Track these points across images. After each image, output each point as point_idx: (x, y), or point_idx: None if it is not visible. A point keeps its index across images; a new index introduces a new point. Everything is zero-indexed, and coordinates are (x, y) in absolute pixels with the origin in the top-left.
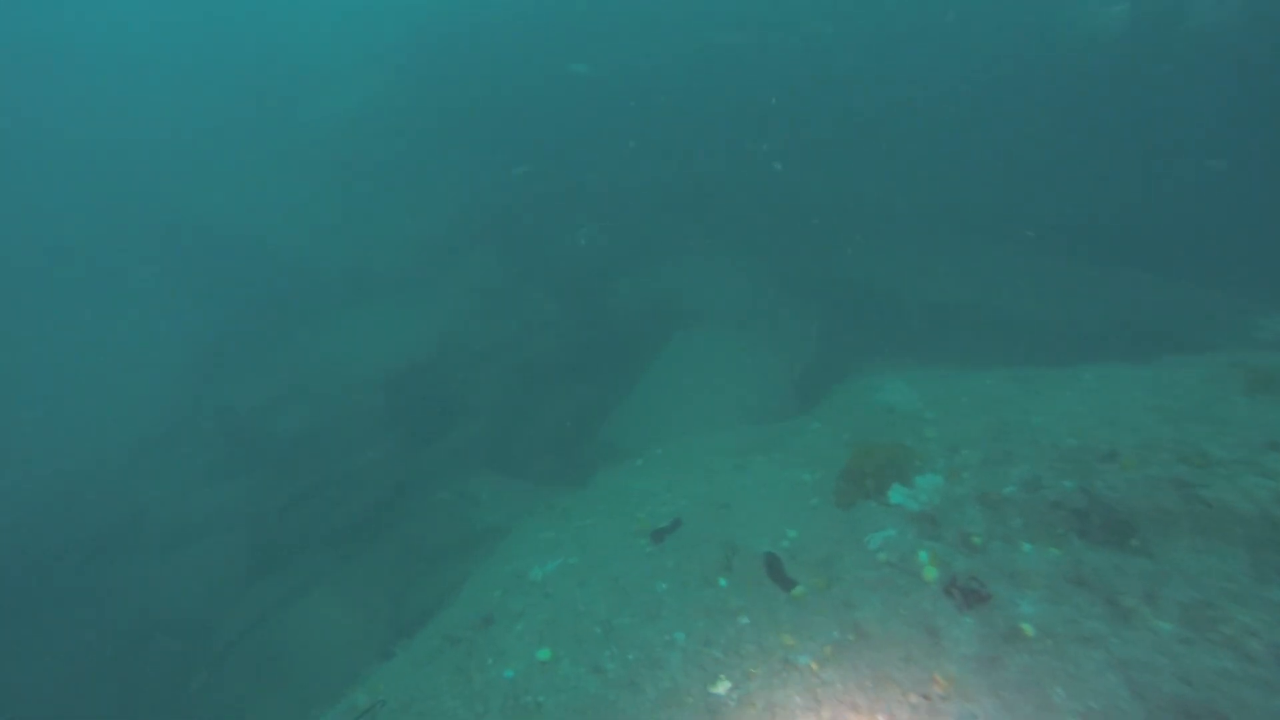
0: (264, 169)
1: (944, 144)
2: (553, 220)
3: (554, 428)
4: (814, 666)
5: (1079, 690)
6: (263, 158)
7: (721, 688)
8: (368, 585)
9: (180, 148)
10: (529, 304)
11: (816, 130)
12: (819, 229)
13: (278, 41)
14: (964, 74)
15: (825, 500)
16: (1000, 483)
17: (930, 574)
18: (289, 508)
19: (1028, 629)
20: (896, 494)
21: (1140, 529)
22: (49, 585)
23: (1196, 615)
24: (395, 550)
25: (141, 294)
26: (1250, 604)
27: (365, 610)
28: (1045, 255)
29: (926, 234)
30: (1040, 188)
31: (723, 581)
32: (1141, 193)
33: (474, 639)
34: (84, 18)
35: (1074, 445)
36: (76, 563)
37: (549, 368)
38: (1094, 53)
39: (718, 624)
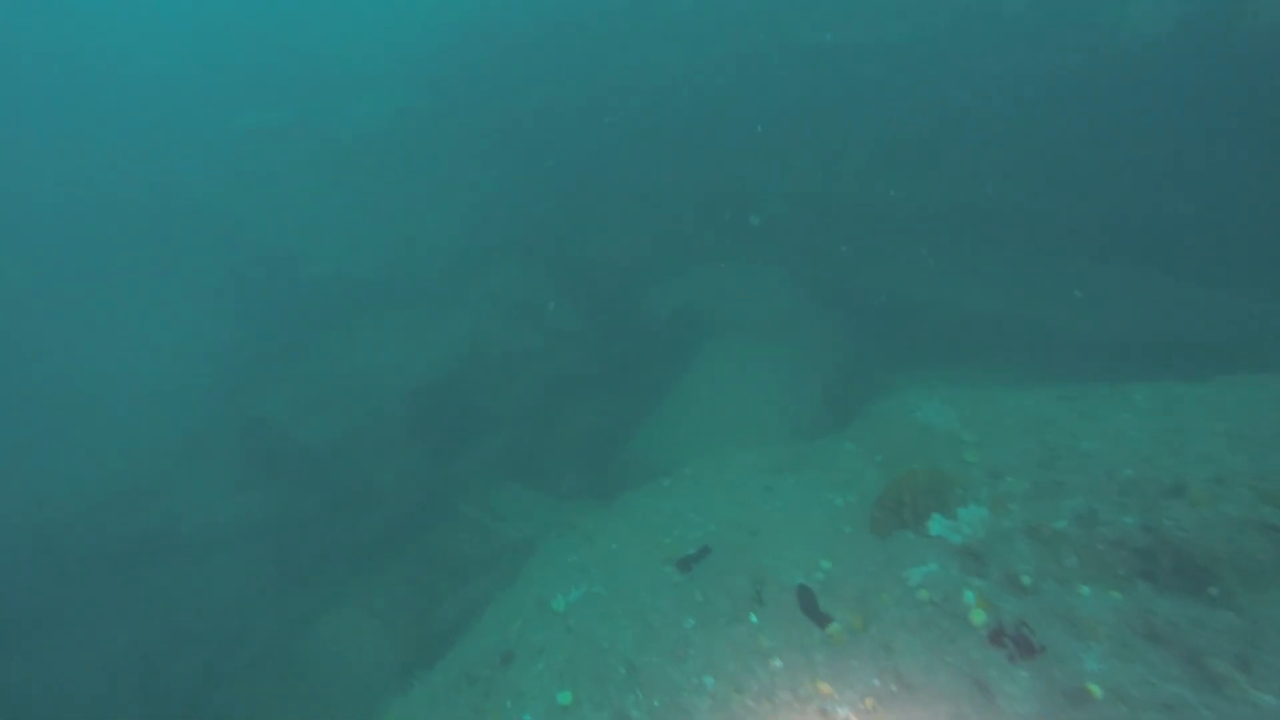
0: (297, 177)
1: (979, 147)
2: (580, 227)
3: (580, 441)
4: None
5: None
6: (296, 166)
7: None
8: (391, 601)
9: (214, 156)
10: (555, 314)
11: (845, 135)
12: (850, 236)
13: (315, 51)
14: (998, 75)
15: (860, 528)
16: (1051, 515)
17: (978, 617)
18: (315, 519)
19: (1095, 690)
20: (937, 524)
21: (1220, 577)
22: (80, 594)
23: None
24: (419, 565)
25: (171, 300)
26: None
27: (388, 627)
28: (1086, 262)
29: (961, 240)
30: (1082, 192)
31: (753, 618)
32: (1189, 197)
33: (492, 677)
34: (115, 20)
35: (1132, 476)
36: (107, 571)
37: (575, 379)
38: (1140, 51)
39: (749, 667)
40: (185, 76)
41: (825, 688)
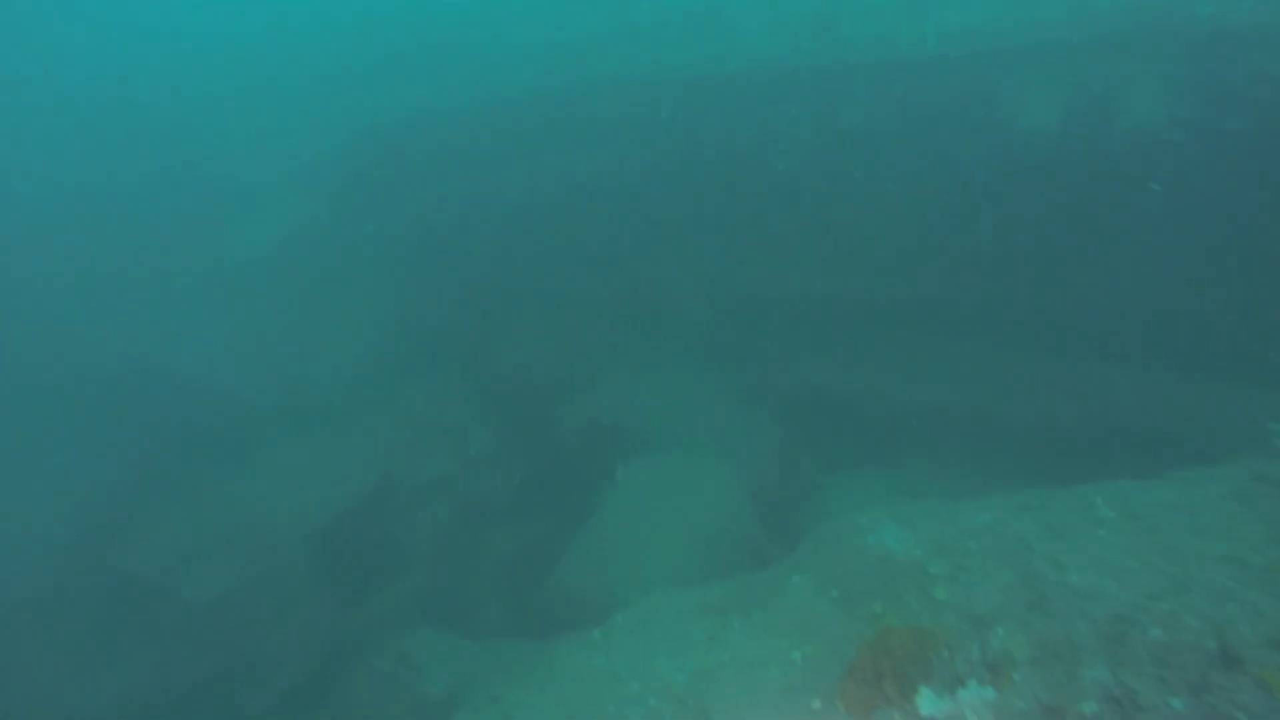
0: (180, 300)
1: (905, 237)
2: (494, 341)
3: (501, 574)
4: None
5: None
6: (179, 289)
7: None
8: None
9: (85, 278)
10: (468, 437)
11: (761, 231)
12: (778, 328)
13: (198, 162)
14: (934, 165)
15: (830, 700)
16: (1073, 693)
17: None
18: (193, 696)
19: None
20: (928, 703)
21: None
22: None
23: None
24: None
25: (28, 438)
26: None
27: None
28: (1019, 350)
29: (888, 332)
30: (1008, 276)
31: None
32: (1120, 278)
33: None
34: None
35: (1162, 638)
36: None
37: (492, 507)
38: (1053, 146)
39: None
40: (58, 192)
41: None
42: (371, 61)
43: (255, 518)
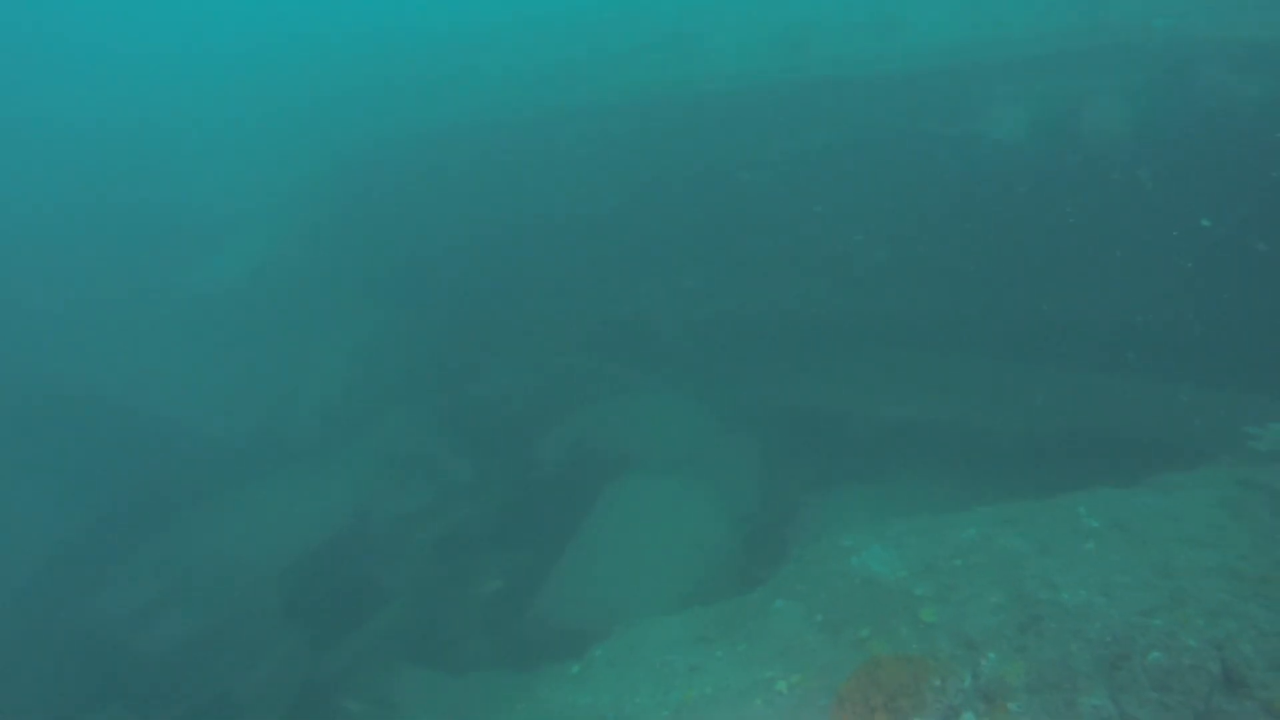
0: (146, 338)
1: (881, 248)
2: (469, 369)
3: (482, 606)
4: None
5: None
6: (149, 323)
7: None
8: None
9: (52, 313)
10: (444, 468)
11: (737, 250)
12: (756, 348)
13: (170, 194)
14: (908, 179)
15: None
16: None
17: None
18: None
19: None
20: None
21: None
22: None
23: None
24: None
25: None
26: None
27: None
28: (994, 360)
29: (866, 347)
30: (981, 289)
31: None
32: (1091, 288)
33: None
34: None
35: (1162, 661)
36: None
37: (471, 538)
38: (1023, 158)
39: None
40: (23, 227)
41: None
42: (347, 91)
43: (224, 559)
